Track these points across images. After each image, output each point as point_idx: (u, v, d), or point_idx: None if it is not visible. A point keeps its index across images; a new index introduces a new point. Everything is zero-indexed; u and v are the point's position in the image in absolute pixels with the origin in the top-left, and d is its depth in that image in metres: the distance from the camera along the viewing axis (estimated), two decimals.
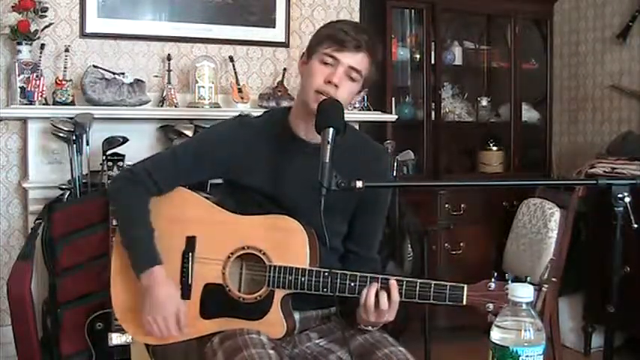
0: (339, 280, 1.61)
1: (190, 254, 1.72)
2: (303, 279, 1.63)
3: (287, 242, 1.66)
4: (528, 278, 1.39)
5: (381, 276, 1.60)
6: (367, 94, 3.69)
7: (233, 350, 1.59)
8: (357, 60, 1.66)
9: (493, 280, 1.52)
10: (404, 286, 1.58)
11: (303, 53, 1.75)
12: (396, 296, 1.58)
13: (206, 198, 1.79)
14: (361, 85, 1.72)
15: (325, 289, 1.61)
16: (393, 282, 1.58)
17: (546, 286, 1.45)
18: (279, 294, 1.66)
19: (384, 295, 1.58)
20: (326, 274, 1.61)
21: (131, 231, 1.74)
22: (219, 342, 1.66)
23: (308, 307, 1.75)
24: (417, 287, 1.57)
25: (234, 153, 1.73)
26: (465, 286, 1.54)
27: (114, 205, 1.93)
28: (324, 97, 1.64)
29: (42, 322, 2.81)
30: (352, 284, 1.60)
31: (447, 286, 1.55)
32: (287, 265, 1.64)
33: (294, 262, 1.64)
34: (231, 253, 1.69)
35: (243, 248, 1.69)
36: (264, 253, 1.67)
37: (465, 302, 1.53)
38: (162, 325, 1.68)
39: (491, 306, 1.50)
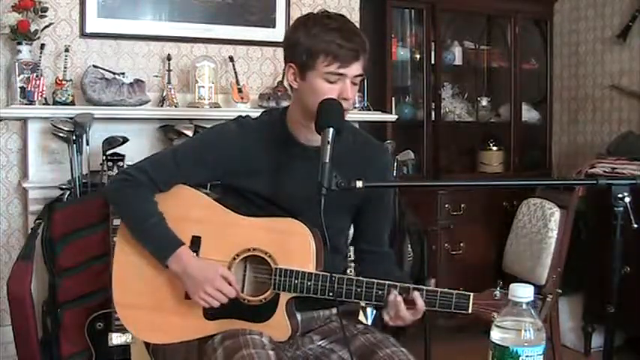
0: (345, 285, 1.61)
1: (195, 254, 1.72)
2: (309, 283, 1.62)
3: (293, 245, 1.66)
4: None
5: (387, 282, 1.59)
6: (367, 94, 3.70)
7: (233, 349, 1.59)
8: (359, 66, 1.65)
9: (498, 288, 1.51)
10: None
11: (291, 65, 1.68)
12: (420, 304, 1.56)
13: (210, 197, 1.78)
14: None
15: (331, 294, 1.61)
16: (417, 294, 1.56)
17: (551, 296, 1.45)
18: (284, 297, 1.66)
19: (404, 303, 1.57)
20: (332, 278, 1.61)
21: (142, 225, 1.72)
22: (220, 340, 1.66)
23: (310, 308, 1.75)
24: (424, 294, 1.57)
25: (233, 155, 1.73)
26: (471, 294, 1.54)
27: (115, 207, 1.92)
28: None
29: (42, 322, 2.81)
30: (358, 290, 1.60)
31: (453, 294, 1.55)
32: (293, 269, 1.64)
33: (300, 266, 1.64)
34: (237, 255, 1.69)
35: (249, 250, 1.69)
36: (269, 256, 1.66)
37: (470, 311, 1.53)
38: (217, 294, 1.65)
39: (496, 315, 1.50)
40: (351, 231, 1.89)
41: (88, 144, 2.90)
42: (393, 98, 3.93)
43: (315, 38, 1.63)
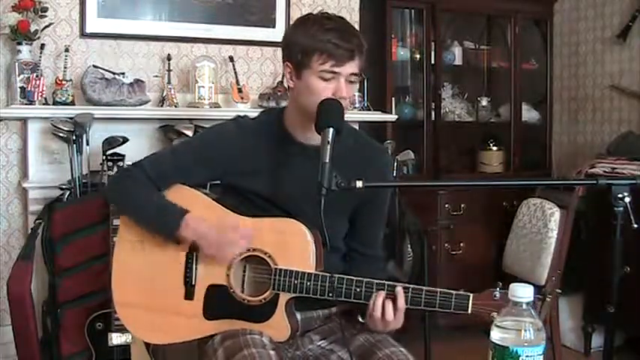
0: (344, 285, 1.61)
1: (194, 254, 1.72)
2: (308, 283, 1.62)
3: (292, 245, 1.66)
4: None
5: (387, 282, 1.60)
6: (367, 94, 3.71)
7: (233, 349, 1.59)
8: (355, 66, 1.65)
9: (498, 289, 1.52)
10: (410, 293, 1.58)
11: (287, 64, 1.70)
12: (402, 304, 1.58)
13: (209, 197, 1.78)
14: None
15: (331, 295, 1.61)
16: (399, 290, 1.58)
17: (550, 297, 1.45)
18: (284, 297, 1.66)
19: (389, 305, 1.58)
20: (332, 279, 1.61)
21: (142, 208, 1.73)
22: (220, 340, 1.66)
23: (309, 308, 1.75)
24: (423, 295, 1.57)
25: (232, 155, 1.73)
26: (471, 295, 1.54)
27: (115, 200, 1.92)
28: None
29: (42, 322, 2.81)
30: (358, 290, 1.60)
31: (452, 294, 1.55)
32: (293, 269, 1.64)
33: (300, 266, 1.64)
34: (237, 255, 1.69)
35: (248, 250, 1.69)
36: (269, 256, 1.66)
37: (469, 311, 1.53)
38: (236, 245, 1.66)
39: (495, 315, 1.50)
40: None
41: (88, 144, 2.90)
42: (393, 98, 3.93)
43: (312, 38, 1.63)
